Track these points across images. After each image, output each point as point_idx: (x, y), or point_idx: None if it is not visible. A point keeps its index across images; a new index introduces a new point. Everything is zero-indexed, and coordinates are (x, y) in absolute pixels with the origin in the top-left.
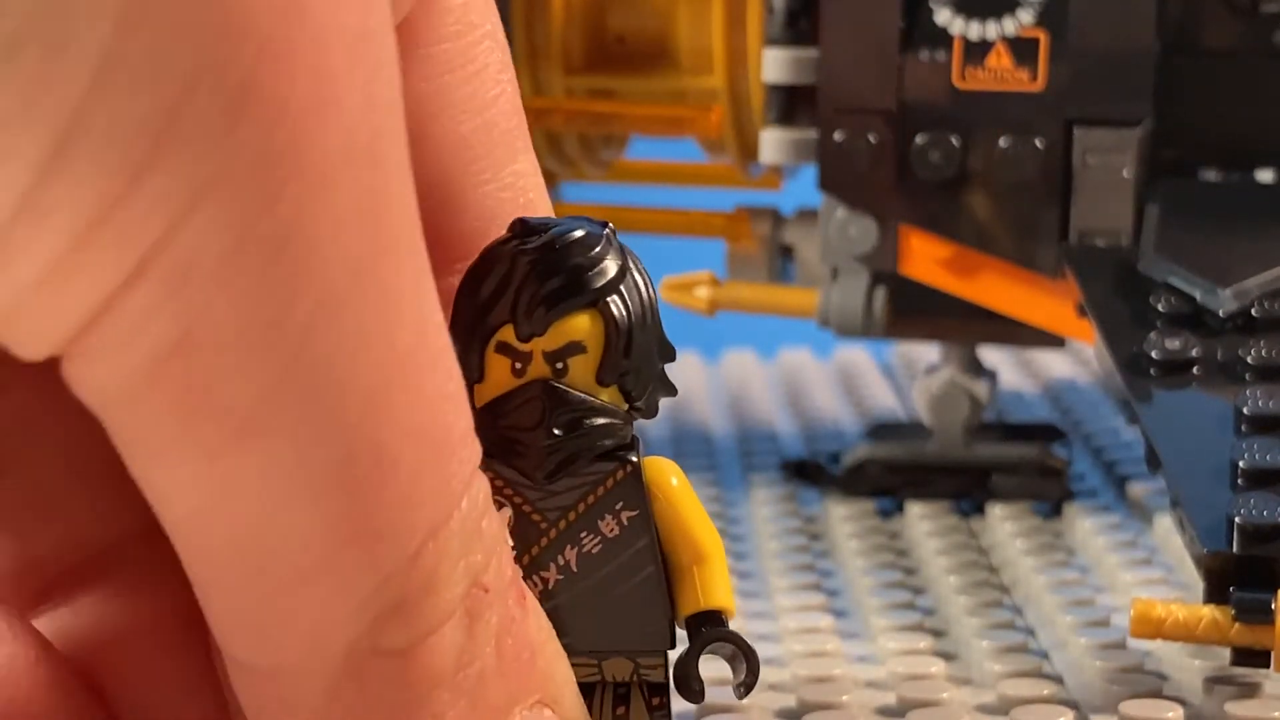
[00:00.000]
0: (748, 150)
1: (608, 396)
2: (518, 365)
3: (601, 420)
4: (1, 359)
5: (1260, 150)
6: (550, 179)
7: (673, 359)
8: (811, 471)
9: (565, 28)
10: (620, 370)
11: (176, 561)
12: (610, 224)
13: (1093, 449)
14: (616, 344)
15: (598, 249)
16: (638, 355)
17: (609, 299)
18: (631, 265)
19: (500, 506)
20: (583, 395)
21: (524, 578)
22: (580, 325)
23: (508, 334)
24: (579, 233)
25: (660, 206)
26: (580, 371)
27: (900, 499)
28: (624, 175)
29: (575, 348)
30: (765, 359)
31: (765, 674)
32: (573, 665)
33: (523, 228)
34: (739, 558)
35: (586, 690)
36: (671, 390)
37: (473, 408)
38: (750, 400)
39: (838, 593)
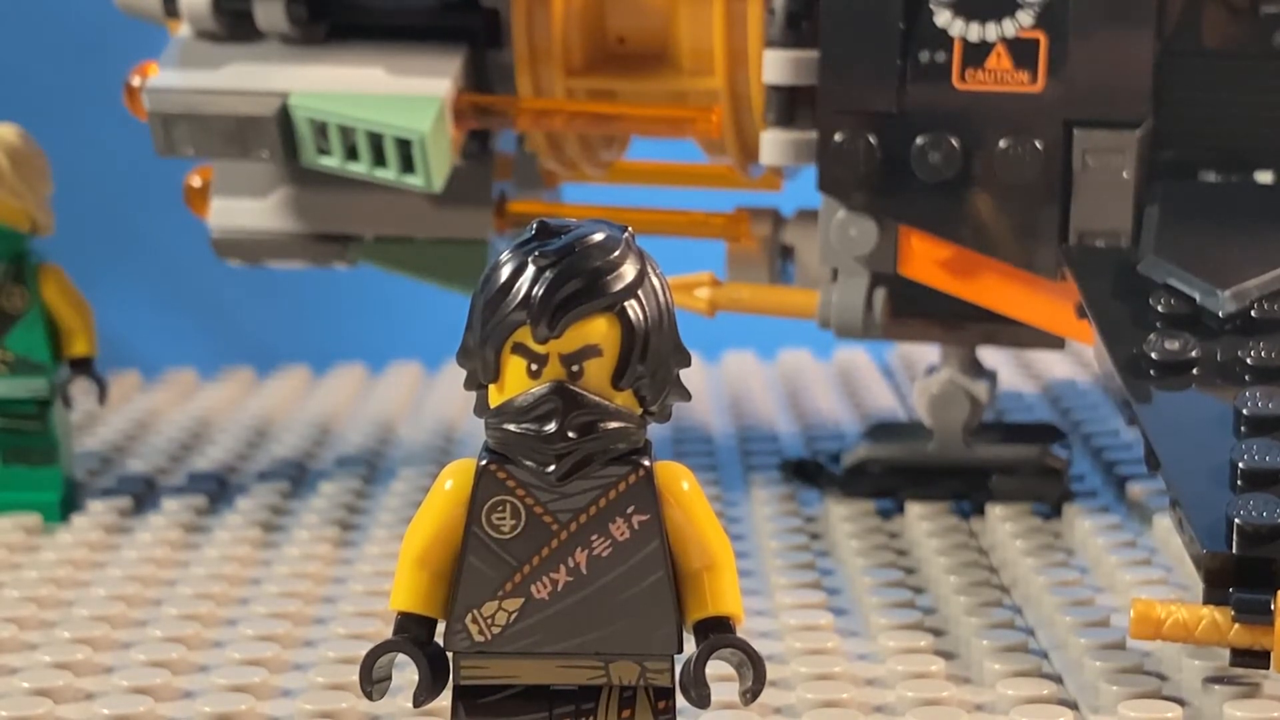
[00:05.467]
0: (748, 151)
1: (622, 400)
2: (534, 367)
3: (616, 424)
4: None
5: (1260, 151)
6: (551, 180)
7: (688, 364)
8: (811, 471)
9: (565, 29)
10: (636, 374)
11: None
12: (630, 228)
13: (1093, 449)
14: (633, 348)
15: (617, 253)
16: (653, 360)
17: (627, 303)
18: (649, 270)
19: (511, 507)
20: (598, 399)
21: (533, 579)
22: (597, 329)
23: (524, 336)
24: (598, 236)
25: (660, 207)
26: (596, 375)
27: (900, 499)
28: (624, 176)
29: (591, 351)
30: (765, 359)
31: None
32: (579, 668)
33: (542, 230)
34: (739, 557)
35: (592, 693)
36: (686, 395)
37: (488, 408)
38: (750, 400)
39: (838, 591)
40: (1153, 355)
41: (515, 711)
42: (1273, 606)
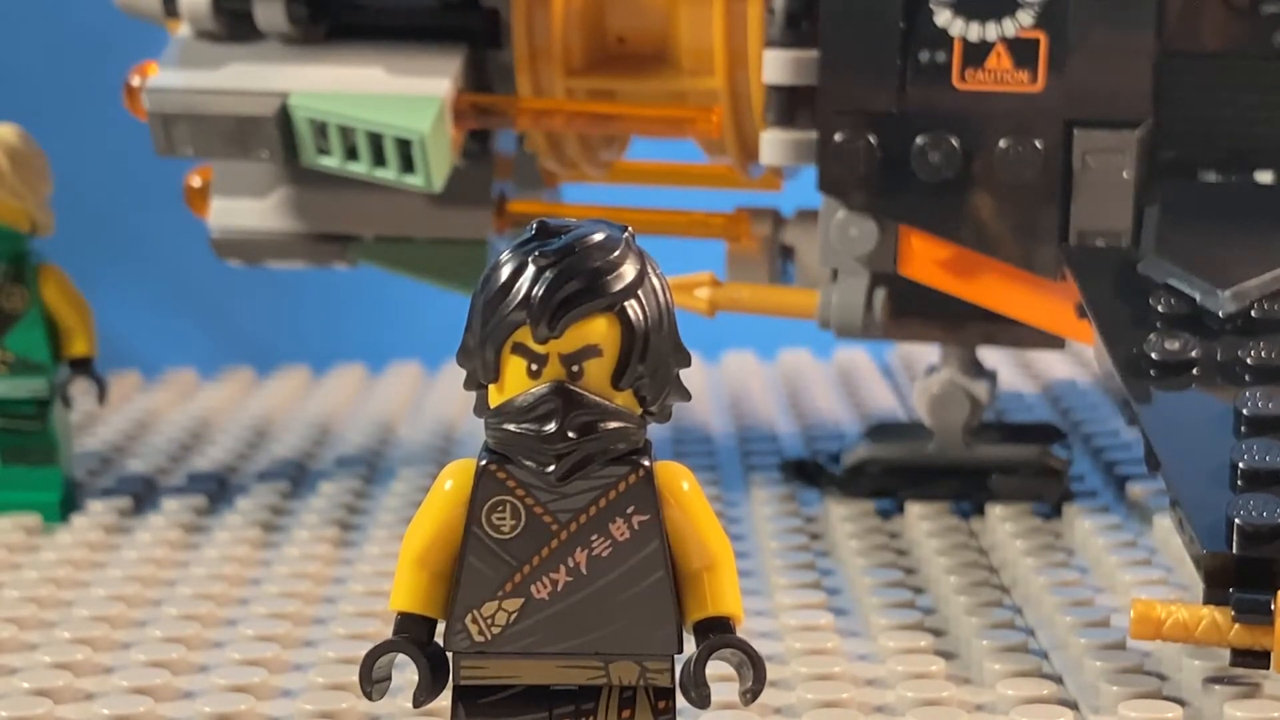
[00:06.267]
0: (748, 151)
1: (622, 400)
2: (534, 367)
3: (616, 424)
4: None
5: (1260, 151)
6: (551, 180)
7: (688, 364)
8: (811, 471)
9: (565, 29)
10: (636, 374)
11: None
12: (630, 227)
13: (1093, 449)
14: (633, 348)
15: (617, 253)
16: (653, 360)
17: (627, 303)
18: (649, 270)
19: (511, 507)
20: (598, 399)
21: (533, 580)
22: (597, 329)
23: (524, 336)
24: (598, 236)
25: (660, 207)
26: (596, 375)
27: (900, 499)
28: (624, 176)
29: (591, 351)
30: (765, 359)
31: (766, 672)
32: (579, 668)
33: (542, 230)
34: (739, 557)
35: (592, 693)
36: (686, 395)
37: (487, 408)
38: (750, 400)
39: (838, 591)
40: (1153, 355)
41: (515, 711)
42: (1273, 606)
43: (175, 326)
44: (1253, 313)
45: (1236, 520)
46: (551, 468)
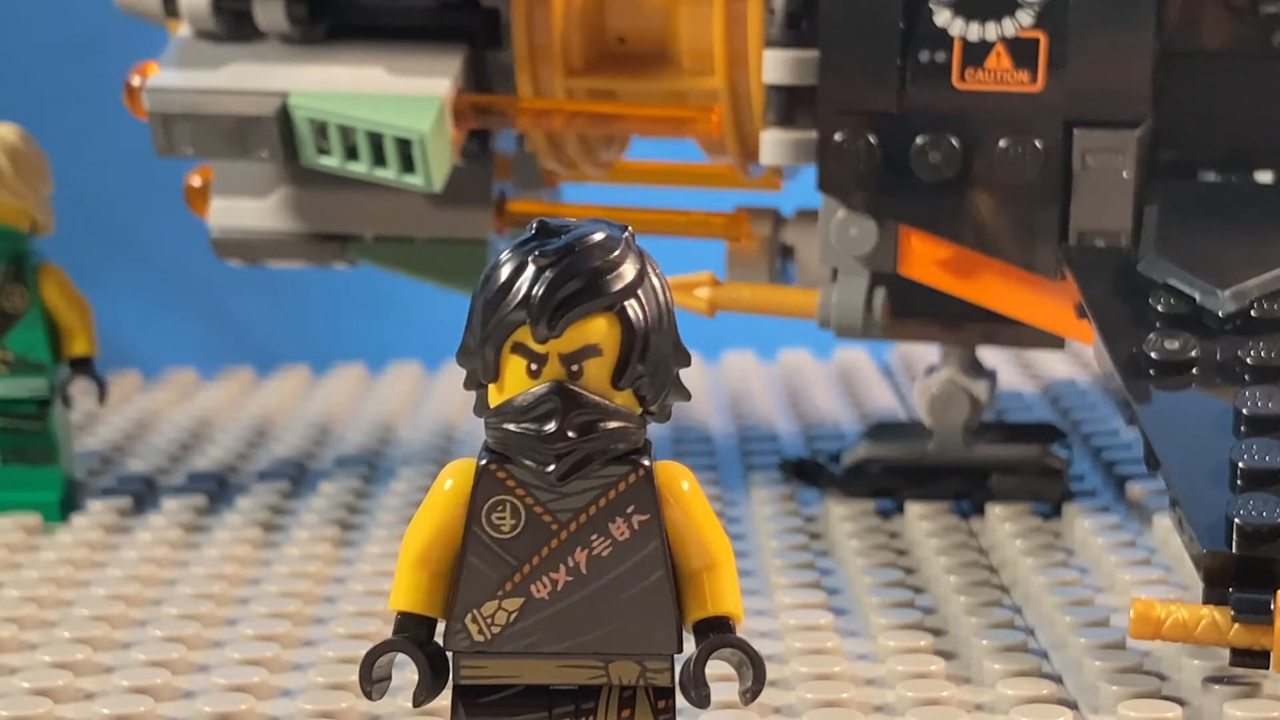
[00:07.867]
0: (748, 151)
1: (622, 400)
2: (533, 367)
3: (615, 424)
4: None
5: (1260, 151)
6: (551, 180)
7: (687, 364)
8: (811, 471)
9: (565, 28)
10: (636, 374)
11: None
12: (630, 227)
13: (1093, 449)
14: (633, 348)
15: (617, 252)
16: (653, 359)
17: (627, 303)
18: (649, 269)
19: (511, 507)
20: (597, 398)
21: (533, 579)
22: (597, 328)
23: (524, 335)
24: (598, 235)
25: (660, 207)
26: (596, 374)
27: (900, 499)
28: (624, 176)
29: (591, 351)
30: (765, 359)
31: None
32: (579, 668)
33: (542, 229)
34: (739, 557)
35: (592, 693)
36: (685, 395)
37: (487, 408)
38: (750, 400)
39: (838, 591)
40: (1153, 355)
41: (515, 711)
42: (1272, 606)
43: (175, 326)
44: (1252, 312)
45: (1236, 520)
46: (551, 467)
